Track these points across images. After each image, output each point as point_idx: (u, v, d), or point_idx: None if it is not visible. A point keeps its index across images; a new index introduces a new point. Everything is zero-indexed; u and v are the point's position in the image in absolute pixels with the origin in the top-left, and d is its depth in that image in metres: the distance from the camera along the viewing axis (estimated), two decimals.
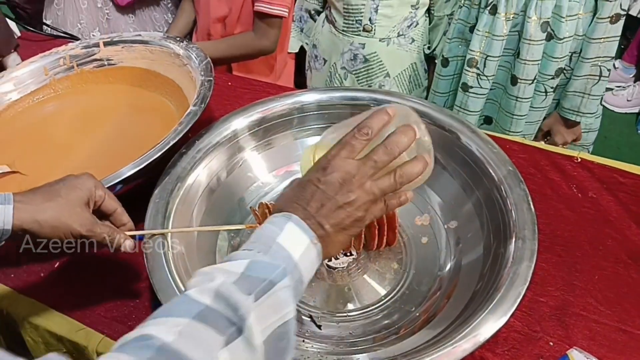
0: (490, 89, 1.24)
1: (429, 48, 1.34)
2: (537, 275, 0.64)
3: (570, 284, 0.73)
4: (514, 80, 1.18)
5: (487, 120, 1.31)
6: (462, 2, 1.20)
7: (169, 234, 0.70)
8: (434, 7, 1.28)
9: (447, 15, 1.28)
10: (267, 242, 0.46)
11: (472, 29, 1.19)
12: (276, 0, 1.25)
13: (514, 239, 0.64)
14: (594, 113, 1.18)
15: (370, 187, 0.49)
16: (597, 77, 1.12)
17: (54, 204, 0.57)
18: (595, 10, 1.08)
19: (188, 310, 0.39)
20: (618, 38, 1.09)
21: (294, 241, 0.47)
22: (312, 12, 1.42)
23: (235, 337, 0.39)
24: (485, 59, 1.18)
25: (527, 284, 0.60)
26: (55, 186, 0.59)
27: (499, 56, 1.17)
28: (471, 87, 1.23)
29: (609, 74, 1.13)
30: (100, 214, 0.63)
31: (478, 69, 1.20)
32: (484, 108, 1.28)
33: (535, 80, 1.17)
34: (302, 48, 1.49)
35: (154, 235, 0.68)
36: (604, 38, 1.08)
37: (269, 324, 0.41)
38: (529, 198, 0.69)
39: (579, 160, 0.92)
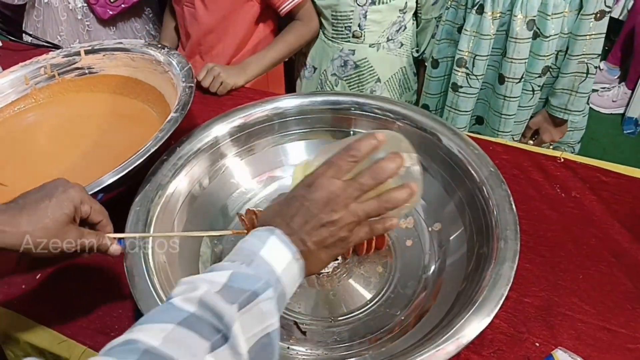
0: (481, 89, 1.24)
1: (417, 51, 1.34)
2: (522, 275, 0.64)
3: (554, 284, 0.73)
4: (502, 79, 1.18)
5: (479, 121, 1.32)
6: (449, 3, 1.21)
7: (151, 239, 0.69)
8: (421, 11, 1.29)
9: (435, 17, 1.29)
10: (250, 255, 0.46)
11: (460, 30, 1.20)
12: None
13: (496, 240, 0.64)
14: (582, 111, 1.19)
15: (355, 208, 0.49)
16: (584, 75, 1.13)
17: (41, 227, 0.54)
18: (580, 8, 1.09)
19: (173, 317, 0.39)
20: (603, 35, 1.10)
21: (277, 255, 0.46)
22: None
23: (221, 344, 0.39)
24: (474, 58, 1.18)
25: (510, 284, 0.60)
26: (41, 205, 0.55)
27: (487, 55, 1.18)
28: (461, 87, 1.23)
29: (596, 71, 1.14)
30: (84, 223, 0.61)
31: (467, 68, 1.21)
32: (475, 108, 1.28)
33: (523, 79, 1.17)
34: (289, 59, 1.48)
35: (137, 238, 0.68)
36: (589, 35, 1.08)
37: (253, 333, 0.41)
38: (511, 199, 0.69)
39: (562, 160, 0.92)
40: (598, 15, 1.06)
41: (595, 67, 1.13)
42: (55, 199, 0.55)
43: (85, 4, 1.47)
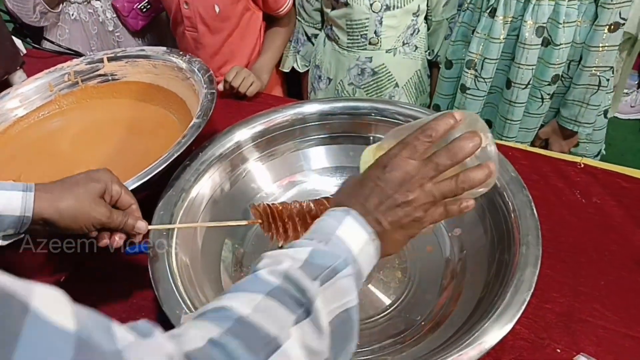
0: (490, 92, 1.24)
1: (430, 54, 1.35)
2: (542, 281, 0.64)
3: (575, 290, 0.73)
4: (509, 84, 1.18)
5: (487, 124, 1.31)
6: (466, 5, 1.21)
7: (174, 244, 0.70)
8: (431, 13, 1.29)
9: (446, 19, 1.29)
10: (327, 234, 0.46)
11: (474, 32, 1.20)
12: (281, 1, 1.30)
13: (517, 245, 0.64)
14: (592, 124, 1.18)
15: (430, 188, 0.48)
16: (596, 87, 1.12)
17: (73, 194, 0.60)
18: (595, 19, 1.08)
19: (261, 288, 0.40)
20: (617, 47, 1.09)
21: (353, 235, 0.47)
22: (309, 35, 1.42)
23: (303, 318, 0.40)
24: (483, 61, 1.19)
25: (532, 290, 0.60)
26: (74, 178, 0.62)
27: (496, 59, 1.18)
28: (469, 88, 1.24)
29: (609, 84, 1.13)
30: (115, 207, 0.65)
31: (476, 70, 1.21)
32: (483, 111, 1.28)
33: (530, 86, 1.17)
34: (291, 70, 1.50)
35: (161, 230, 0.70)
36: (602, 46, 1.08)
37: (333, 308, 0.42)
38: (532, 204, 0.69)
39: (582, 165, 0.92)
40: (612, 27, 1.05)
41: (608, 80, 1.12)
42: (86, 175, 0.63)
43: (115, 15, 1.50)
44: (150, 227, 0.68)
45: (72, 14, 1.46)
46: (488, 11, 1.15)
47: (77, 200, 0.59)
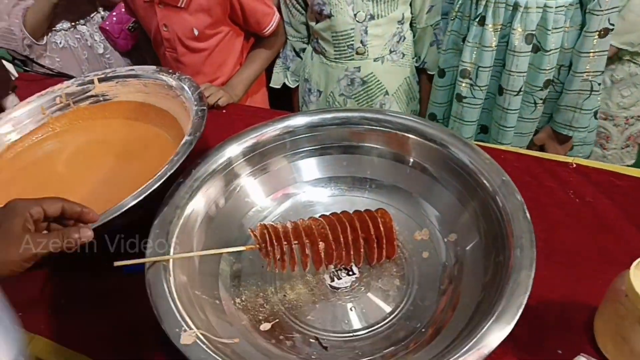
0: (485, 99, 1.25)
1: (417, 60, 1.36)
2: (539, 283, 0.64)
3: (573, 291, 0.73)
4: (501, 91, 1.19)
5: (484, 130, 1.32)
6: (454, 14, 1.22)
7: (171, 261, 0.70)
8: (415, 20, 1.30)
9: (431, 25, 1.30)
10: None
11: (464, 40, 1.21)
12: (267, 17, 1.31)
13: (511, 249, 0.65)
14: (586, 127, 1.19)
15: None
16: (588, 92, 1.13)
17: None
18: (582, 24, 1.09)
19: None
20: (607, 52, 1.10)
21: None
22: (297, 50, 1.43)
23: None
24: (477, 69, 1.19)
25: (528, 292, 0.60)
26: None
27: (489, 67, 1.19)
28: (465, 97, 1.24)
29: (600, 88, 1.14)
30: (60, 221, 0.62)
31: (471, 79, 1.22)
32: (479, 117, 1.29)
33: (522, 92, 1.18)
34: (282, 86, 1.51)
35: (155, 262, 0.69)
36: (592, 52, 1.08)
37: None
38: (524, 207, 0.69)
39: (575, 165, 0.92)
40: (602, 32, 1.06)
41: (599, 84, 1.13)
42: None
43: (104, 38, 1.51)
44: (145, 260, 0.68)
45: (60, 42, 1.47)
46: (477, 20, 1.16)
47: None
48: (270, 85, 1.49)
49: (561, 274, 0.75)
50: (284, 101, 1.59)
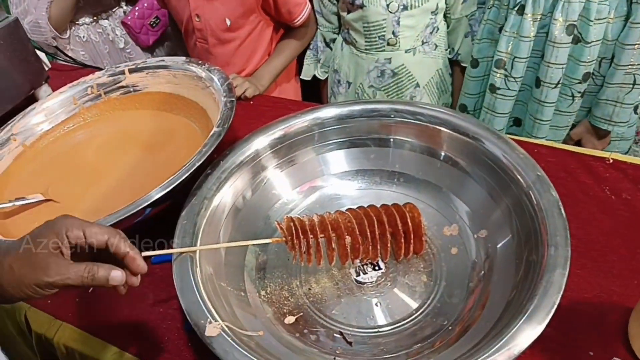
0: (520, 91, 1.22)
1: (450, 52, 1.33)
2: (573, 282, 0.62)
3: (607, 291, 0.71)
4: (538, 83, 1.16)
5: (517, 122, 1.29)
6: (492, 2, 1.19)
7: (197, 252, 0.70)
8: (450, 11, 1.27)
9: (466, 16, 1.27)
10: None
11: (501, 30, 1.18)
12: (299, 7, 1.30)
13: (545, 246, 0.63)
14: (627, 122, 1.14)
15: None
16: (631, 86, 1.08)
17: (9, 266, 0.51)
18: (628, 15, 1.05)
19: None
20: None
21: None
22: (328, 40, 1.42)
23: None
24: (513, 60, 1.16)
25: (562, 292, 0.58)
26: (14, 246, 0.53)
27: (526, 57, 1.15)
28: (499, 88, 1.21)
29: None
30: (101, 253, 0.55)
31: (506, 70, 1.18)
32: (513, 110, 1.26)
33: (561, 84, 1.14)
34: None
35: (182, 253, 0.69)
36: (637, 44, 1.04)
37: None
38: (559, 203, 0.67)
39: (611, 161, 0.89)
40: None
41: None
42: (31, 236, 0.53)
43: (125, 32, 1.52)
44: (172, 250, 0.68)
45: (83, 36, 1.49)
46: (516, 9, 1.12)
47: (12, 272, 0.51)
48: (301, 77, 1.48)
49: (595, 273, 0.73)
50: (315, 92, 1.58)
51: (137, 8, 1.49)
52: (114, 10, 1.51)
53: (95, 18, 1.48)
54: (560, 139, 1.24)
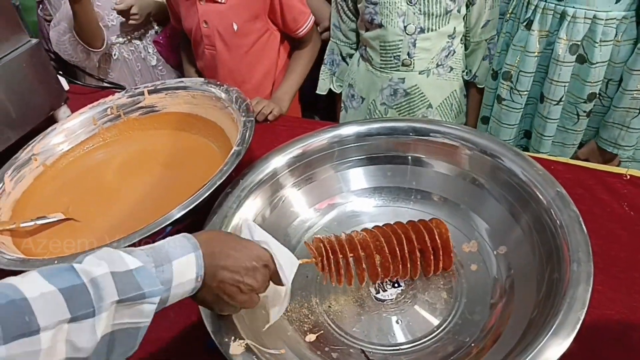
0: (527, 104, 1.23)
1: (467, 74, 1.34)
2: (594, 299, 0.62)
3: (630, 307, 0.70)
4: (542, 98, 1.17)
5: (528, 135, 1.30)
6: (508, 15, 1.20)
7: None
8: (470, 34, 1.28)
9: (485, 40, 1.28)
10: (165, 259, 0.52)
11: (511, 43, 1.19)
12: (303, 16, 1.34)
13: (568, 263, 0.63)
14: (633, 146, 1.14)
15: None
16: (637, 111, 1.08)
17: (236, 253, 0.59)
18: (637, 39, 1.05)
19: (61, 282, 0.45)
20: None
21: (185, 270, 0.53)
22: (344, 55, 1.44)
23: (83, 318, 0.45)
24: (519, 73, 1.17)
25: (586, 307, 0.58)
26: (236, 240, 0.62)
27: (532, 72, 1.16)
28: (504, 99, 1.22)
29: None
30: None
31: (512, 82, 1.19)
32: (522, 123, 1.26)
33: (563, 102, 1.14)
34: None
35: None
36: None
37: (121, 322, 0.48)
38: (580, 219, 0.67)
39: (628, 177, 0.89)
40: None
41: None
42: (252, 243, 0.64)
43: (157, 51, 1.55)
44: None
45: (115, 54, 1.52)
46: (525, 23, 1.14)
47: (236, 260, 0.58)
48: (317, 92, 1.50)
49: (617, 290, 0.73)
50: (315, 109, 1.60)
51: (168, 29, 1.53)
52: (147, 30, 1.54)
53: (128, 38, 1.52)
54: (568, 156, 1.24)
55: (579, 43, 1.07)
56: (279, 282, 0.63)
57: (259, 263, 0.60)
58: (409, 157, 0.88)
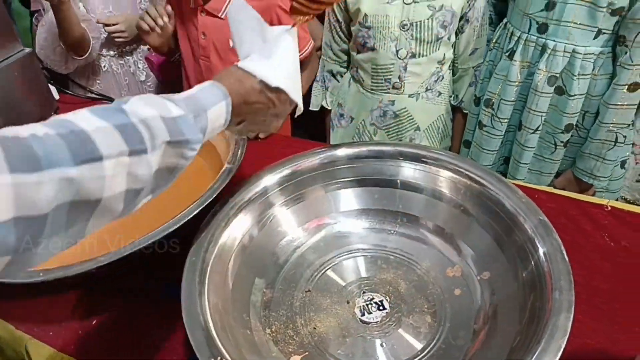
0: (509, 131, 1.26)
1: (454, 99, 1.37)
2: (576, 328, 0.63)
3: (611, 337, 0.72)
4: (520, 126, 1.20)
5: (507, 161, 1.33)
6: (493, 44, 1.24)
7: (206, 287, 0.71)
8: (458, 61, 1.32)
9: (472, 67, 1.32)
10: (201, 109, 0.57)
11: (494, 72, 1.22)
12: (302, 42, 1.33)
13: (550, 291, 0.64)
14: (608, 177, 1.17)
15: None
16: (613, 143, 1.12)
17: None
18: (612, 75, 1.09)
19: (114, 119, 0.48)
20: (635, 106, 1.09)
21: (217, 117, 0.60)
22: (335, 72, 1.46)
23: (139, 154, 0.49)
24: (500, 101, 1.21)
25: (567, 335, 0.59)
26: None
27: (513, 101, 1.20)
28: (485, 125, 1.26)
29: (626, 140, 1.13)
30: None
31: (493, 109, 1.22)
32: (502, 149, 1.29)
33: (540, 131, 1.18)
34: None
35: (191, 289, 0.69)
36: (620, 105, 1.07)
37: (169, 160, 0.54)
38: (562, 248, 0.69)
39: (609, 208, 0.92)
40: (632, 86, 1.05)
41: (625, 137, 1.12)
42: None
43: (147, 66, 1.55)
44: None
45: (104, 66, 1.52)
46: (507, 53, 1.17)
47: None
48: (310, 108, 1.51)
49: (599, 320, 0.74)
50: (304, 128, 1.61)
51: None
52: (139, 45, 1.54)
53: (120, 51, 1.52)
54: (545, 184, 1.26)
55: (558, 75, 1.11)
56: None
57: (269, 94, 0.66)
58: (398, 181, 0.90)
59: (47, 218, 0.41)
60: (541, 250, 0.70)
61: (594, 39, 1.05)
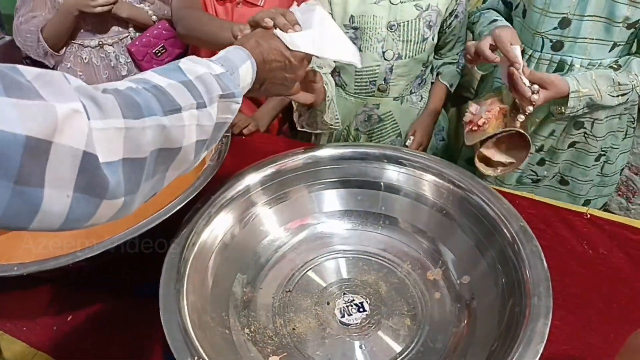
0: None
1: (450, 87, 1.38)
2: (553, 333, 0.64)
3: (586, 343, 0.73)
4: None
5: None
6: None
7: (185, 286, 0.70)
8: (445, 52, 1.33)
9: (457, 53, 1.33)
10: (233, 67, 0.62)
11: None
12: None
13: (529, 296, 0.65)
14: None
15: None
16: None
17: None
18: None
19: (177, 77, 0.54)
20: None
21: (246, 75, 0.65)
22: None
23: (203, 107, 0.54)
24: None
25: (545, 341, 0.60)
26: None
27: None
28: None
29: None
30: None
31: None
32: None
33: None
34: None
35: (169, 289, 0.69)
36: None
37: (219, 116, 0.58)
38: (542, 254, 0.70)
39: (589, 216, 0.93)
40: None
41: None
42: None
43: (130, 60, 1.52)
44: None
45: (85, 57, 1.49)
46: None
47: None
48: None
49: (574, 326, 0.75)
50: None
51: (147, 34, 1.50)
52: (120, 37, 1.51)
53: (100, 43, 1.49)
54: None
55: None
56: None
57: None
58: (381, 183, 0.90)
59: (145, 161, 0.47)
60: (521, 256, 0.70)
61: (609, 51, 1.06)
